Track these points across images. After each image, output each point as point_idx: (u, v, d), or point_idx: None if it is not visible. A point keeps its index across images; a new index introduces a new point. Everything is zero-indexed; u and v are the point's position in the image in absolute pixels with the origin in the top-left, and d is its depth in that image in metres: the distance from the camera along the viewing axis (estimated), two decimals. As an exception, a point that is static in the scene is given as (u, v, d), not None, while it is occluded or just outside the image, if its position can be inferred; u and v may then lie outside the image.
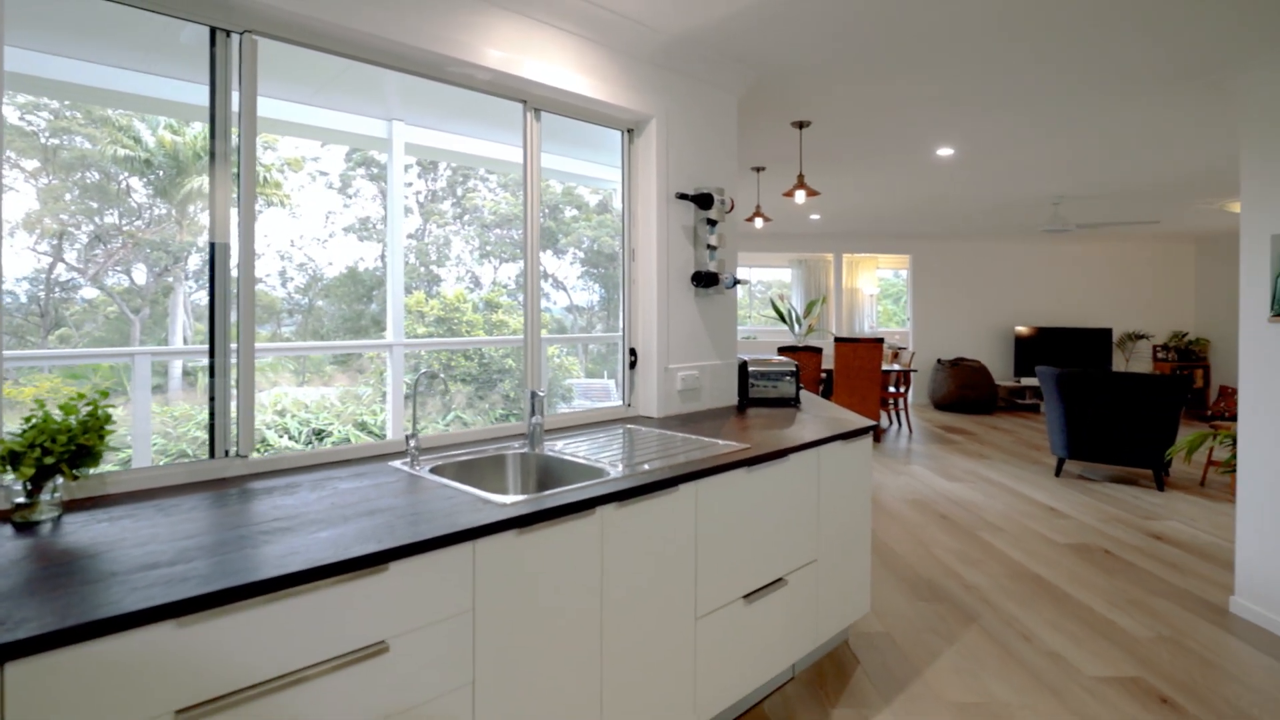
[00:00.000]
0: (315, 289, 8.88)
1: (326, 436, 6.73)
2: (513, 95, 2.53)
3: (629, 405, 2.99)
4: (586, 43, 2.63)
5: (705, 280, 3.02)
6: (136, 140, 7.40)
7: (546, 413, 2.58)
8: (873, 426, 2.75)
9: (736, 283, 3.13)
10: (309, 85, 3.93)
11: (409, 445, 2.01)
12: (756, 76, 3.26)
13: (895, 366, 8.19)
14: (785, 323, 8.88)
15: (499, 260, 9.65)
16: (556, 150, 4.58)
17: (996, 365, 10.16)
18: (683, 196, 2.96)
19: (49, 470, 1.43)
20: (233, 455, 1.88)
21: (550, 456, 2.19)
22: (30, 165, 6.58)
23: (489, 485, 2.13)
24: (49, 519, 1.44)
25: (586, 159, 4.87)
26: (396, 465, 2.00)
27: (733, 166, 3.26)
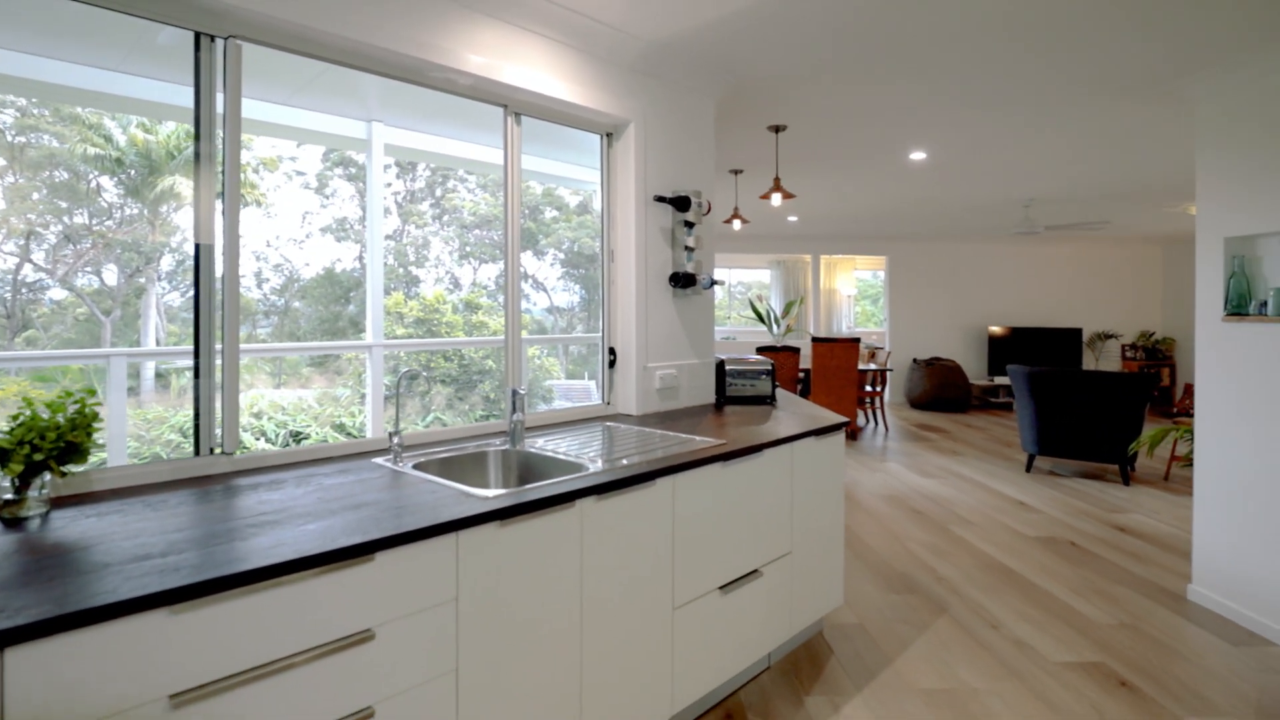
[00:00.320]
0: (292, 290, 8.80)
1: (304, 439, 6.69)
2: (494, 100, 2.57)
3: (608, 403, 3.04)
4: (567, 49, 2.68)
5: (683, 281, 3.08)
6: (107, 139, 7.28)
7: (527, 411, 2.63)
8: (845, 423, 2.83)
9: (714, 283, 3.20)
10: (288, 86, 3.93)
11: (392, 442, 2.05)
12: (733, 82, 3.33)
13: (872, 366, 8.32)
14: (764, 323, 8.98)
15: (479, 261, 9.64)
16: (537, 152, 4.61)
17: (971, 365, 10.36)
18: (661, 199, 3.02)
19: (38, 467, 1.45)
20: (218, 452, 1.91)
21: (531, 452, 2.24)
22: (-3, 164, 6.47)
23: (471, 480, 2.17)
24: (37, 515, 1.46)
25: (567, 160, 4.90)
26: (380, 462, 2.04)
27: (710, 169, 3.32)
